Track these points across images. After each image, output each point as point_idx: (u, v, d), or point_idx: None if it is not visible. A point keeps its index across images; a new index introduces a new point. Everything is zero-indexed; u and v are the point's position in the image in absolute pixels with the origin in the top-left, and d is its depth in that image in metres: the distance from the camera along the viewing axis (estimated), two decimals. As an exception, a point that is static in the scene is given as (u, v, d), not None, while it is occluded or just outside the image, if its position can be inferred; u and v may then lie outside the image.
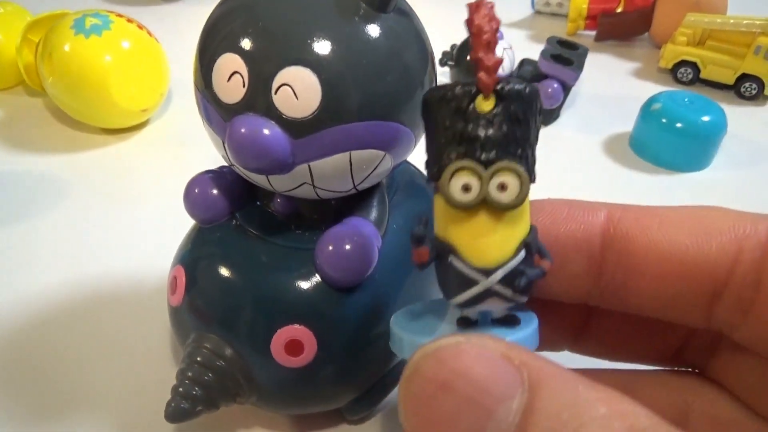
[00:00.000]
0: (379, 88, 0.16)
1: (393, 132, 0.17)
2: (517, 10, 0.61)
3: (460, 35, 0.45)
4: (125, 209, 0.34)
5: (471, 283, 0.13)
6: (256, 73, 0.16)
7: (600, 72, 0.49)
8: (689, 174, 0.38)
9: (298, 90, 0.16)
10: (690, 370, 0.17)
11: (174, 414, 0.19)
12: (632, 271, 0.15)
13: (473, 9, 0.13)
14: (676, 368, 0.17)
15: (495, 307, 0.13)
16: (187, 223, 0.22)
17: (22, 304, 0.28)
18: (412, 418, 0.11)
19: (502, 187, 0.12)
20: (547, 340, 0.15)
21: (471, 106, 0.13)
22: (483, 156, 0.13)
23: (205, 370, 0.19)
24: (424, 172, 0.14)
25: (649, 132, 0.39)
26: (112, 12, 0.37)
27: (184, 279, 0.20)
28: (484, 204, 0.13)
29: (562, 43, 0.43)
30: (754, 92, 0.45)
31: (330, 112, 0.16)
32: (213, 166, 0.22)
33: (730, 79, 0.46)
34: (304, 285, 0.19)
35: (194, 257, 0.21)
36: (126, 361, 0.25)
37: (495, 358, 0.11)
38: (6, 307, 0.28)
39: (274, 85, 0.16)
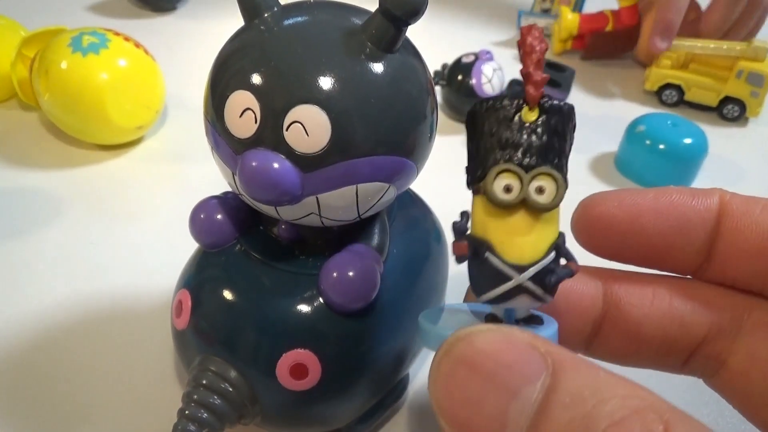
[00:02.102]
0: (386, 124, 0.17)
1: (398, 165, 0.18)
2: (503, 30, 0.62)
3: (451, 55, 0.46)
4: (120, 226, 0.34)
5: (505, 278, 0.14)
6: (269, 110, 0.17)
7: (587, 92, 0.50)
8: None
9: (309, 127, 0.16)
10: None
11: (181, 437, 0.19)
12: (737, 247, 0.16)
13: (525, 31, 0.14)
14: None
15: (522, 305, 0.14)
16: (183, 239, 0.22)
17: (18, 323, 0.28)
18: (441, 397, 0.12)
19: (540, 190, 0.14)
20: (563, 343, 0.16)
21: (517, 116, 0.14)
22: (525, 161, 0.14)
23: (210, 393, 0.20)
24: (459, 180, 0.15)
25: (634, 153, 0.40)
26: (109, 30, 0.37)
27: (189, 303, 0.21)
28: (523, 205, 0.14)
29: (550, 65, 0.44)
30: (736, 114, 0.47)
31: (339, 147, 0.17)
32: (207, 182, 0.23)
33: (713, 102, 0.48)
34: (309, 310, 0.20)
35: (199, 281, 0.21)
36: (129, 383, 0.25)
37: (522, 345, 0.12)
38: (1, 327, 0.28)
39: (286, 122, 0.16)
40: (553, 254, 0.14)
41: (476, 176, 0.14)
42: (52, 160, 0.39)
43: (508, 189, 0.14)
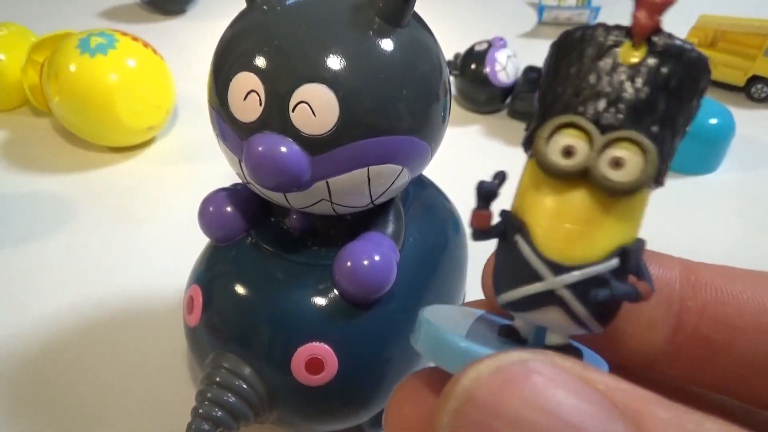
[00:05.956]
0: (396, 102, 0.16)
1: (410, 146, 0.17)
2: (516, 16, 0.61)
3: (464, 44, 0.45)
4: (134, 227, 0.34)
5: (533, 276, 0.10)
6: (274, 91, 0.16)
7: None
8: (699, 177, 0.38)
9: (316, 107, 0.16)
10: None
11: (195, 436, 0.19)
12: (722, 323, 0.12)
13: None
14: None
15: (553, 323, 0.10)
16: (197, 239, 0.22)
17: (33, 326, 0.28)
18: None
19: (617, 163, 0.09)
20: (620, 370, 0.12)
21: (611, 52, 0.10)
22: (604, 116, 0.09)
23: (224, 391, 0.19)
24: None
25: (657, 136, 0.39)
26: (117, 31, 0.37)
27: (200, 299, 0.20)
28: (586, 179, 0.09)
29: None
30: (764, 94, 0.45)
31: (347, 128, 0.16)
32: (221, 182, 0.22)
33: (740, 81, 0.46)
34: (323, 302, 0.19)
35: (210, 276, 0.21)
36: (143, 384, 0.25)
37: (575, 383, 0.08)
38: (17, 330, 0.27)
39: (292, 103, 0.16)
40: (615, 261, 0.09)
41: (531, 130, 0.10)
42: (64, 164, 0.39)
43: (568, 152, 0.09)
